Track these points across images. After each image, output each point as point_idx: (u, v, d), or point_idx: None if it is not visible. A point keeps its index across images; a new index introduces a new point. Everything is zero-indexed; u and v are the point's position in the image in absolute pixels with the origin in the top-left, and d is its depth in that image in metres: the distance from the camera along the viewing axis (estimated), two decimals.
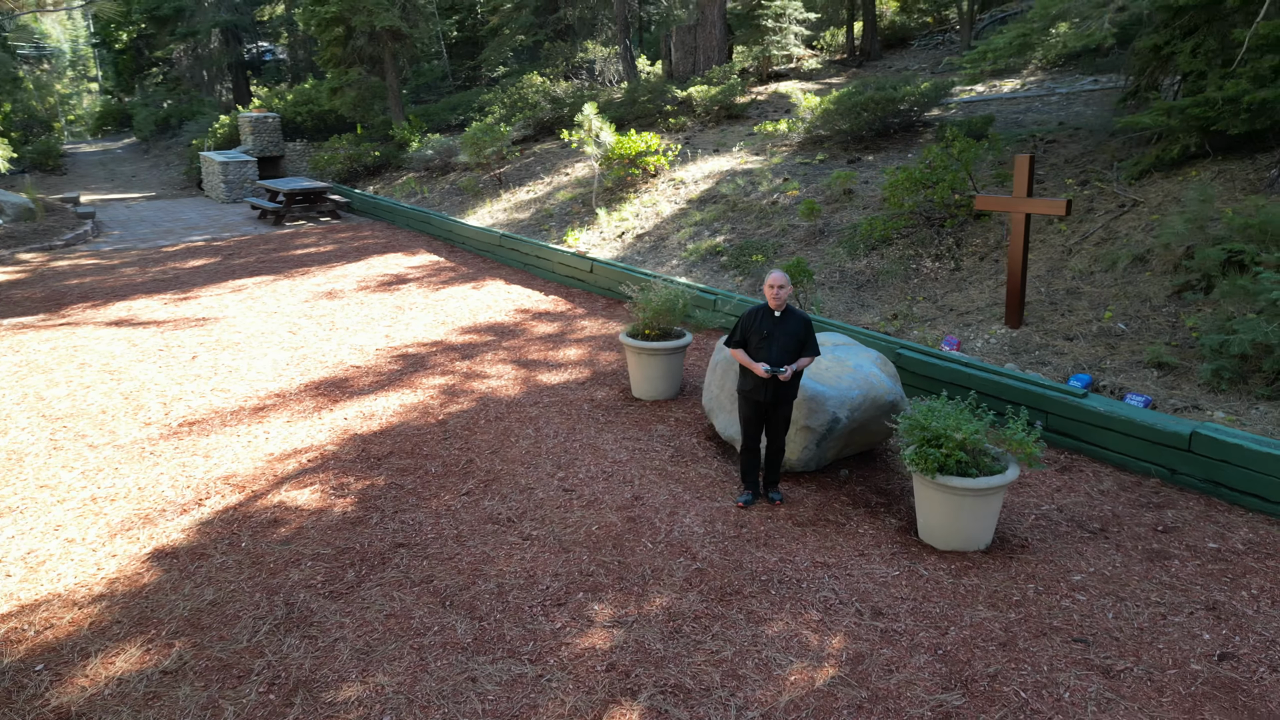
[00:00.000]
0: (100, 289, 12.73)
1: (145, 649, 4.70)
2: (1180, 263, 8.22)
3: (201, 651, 4.66)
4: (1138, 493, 6.38)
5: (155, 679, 4.45)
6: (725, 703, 4.26)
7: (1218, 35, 9.91)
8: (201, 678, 4.45)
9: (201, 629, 4.86)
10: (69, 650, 4.72)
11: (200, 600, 5.14)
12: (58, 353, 9.74)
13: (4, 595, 5.28)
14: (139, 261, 14.64)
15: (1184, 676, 4.42)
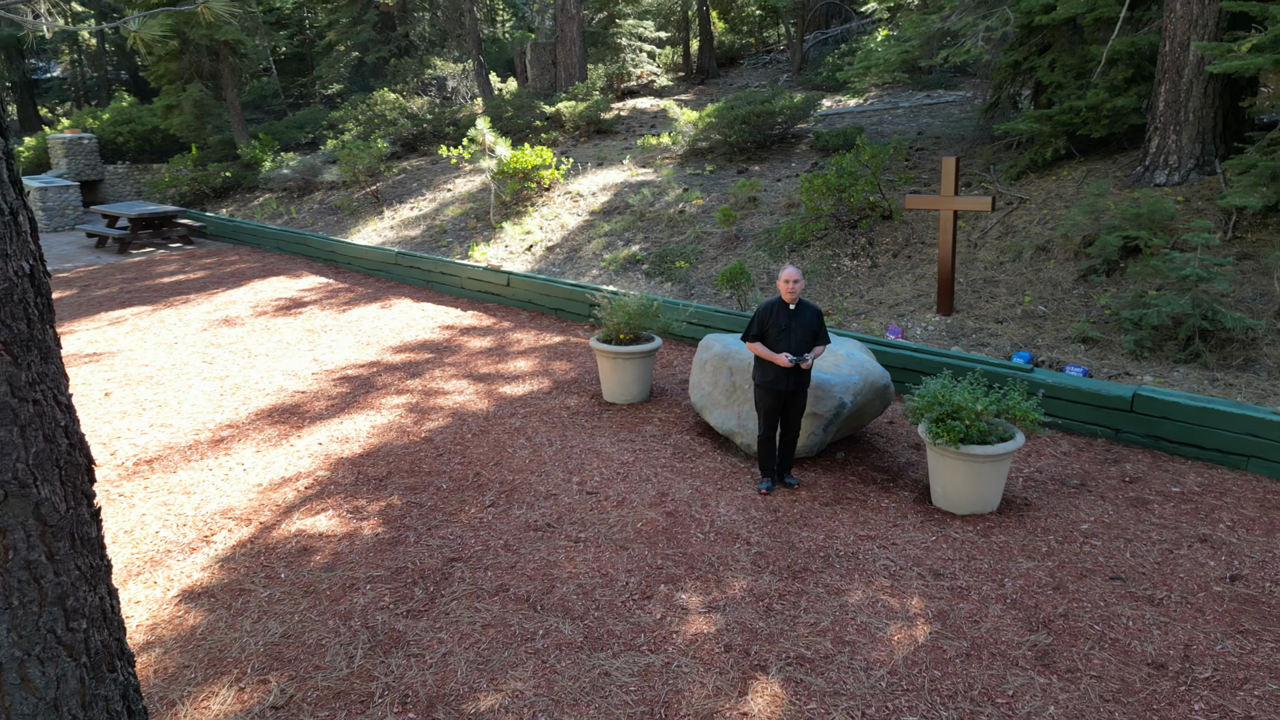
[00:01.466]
0: None
1: (237, 689, 4.36)
2: (1080, 250, 9.28)
3: (303, 683, 4.38)
4: (1093, 452, 7.18)
5: (267, 715, 4.15)
6: (849, 666, 4.50)
7: (1072, 51, 11.25)
8: (320, 708, 4.20)
9: (288, 661, 4.56)
10: (149, 701, 4.30)
11: (270, 635, 4.80)
12: None
13: None
14: None
15: (1213, 597, 5.09)
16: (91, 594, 1.30)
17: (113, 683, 1.33)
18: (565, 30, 20.04)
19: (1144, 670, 4.44)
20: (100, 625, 1.31)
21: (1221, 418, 6.77)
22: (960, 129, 13.96)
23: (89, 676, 1.28)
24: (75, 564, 1.27)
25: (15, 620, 1.18)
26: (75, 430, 1.31)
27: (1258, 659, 4.51)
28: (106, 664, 1.32)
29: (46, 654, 1.22)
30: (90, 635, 1.29)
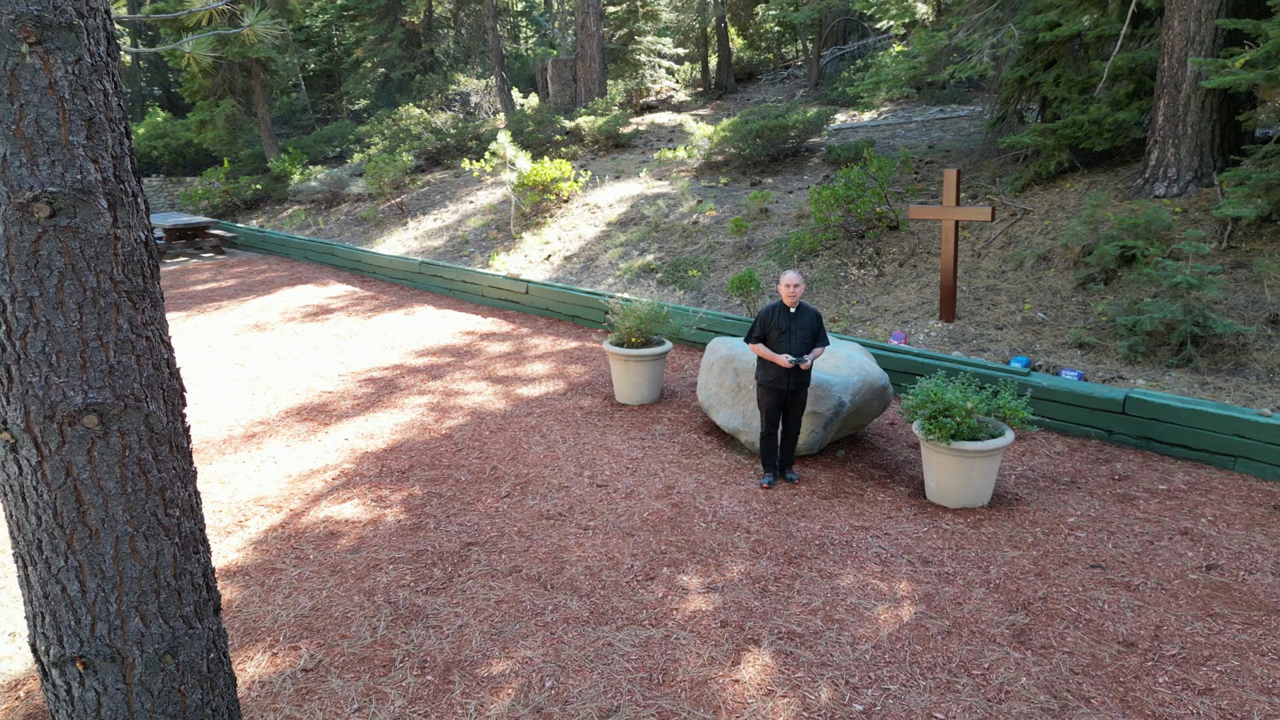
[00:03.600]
0: None
1: (270, 654, 4.74)
2: (1079, 259, 9.56)
3: (332, 649, 4.76)
4: (1086, 452, 7.45)
5: (299, 677, 4.53)
6: (837, 641, 4.82)
7: (1075, 67, 11.55)
8: (346, 671, 4.57)
9: (318, 631, 4.94)
10: None
11: (300, 608, 5.19)
12: None
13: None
14: None
15: (1187, 584, 5.36)
16: (183, 490, 1.66)
17: (196, 561, 1.69)
18: (585, 47, 20.53)
19: (1114, 647, 4.73)
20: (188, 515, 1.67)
21: (1210, 419, 7.03)
22: (970, 142, 14.26)
23: (179, 554, 1.64)
24: (172, 465, 1.64)
25: (129, 504, 1.55)
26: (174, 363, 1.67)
27: (1224, 639, 4.79)
28: (192, 546, 1.68)
29: (150, 532, 1.58)
30: (181, 522, 1.65)
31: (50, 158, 1.37)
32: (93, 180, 1.42)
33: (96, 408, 1.47)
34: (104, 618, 1.55)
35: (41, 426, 1.45)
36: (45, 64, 1.34)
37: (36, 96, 1.35)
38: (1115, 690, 4.38)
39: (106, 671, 1.57)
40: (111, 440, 1.50)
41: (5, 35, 1.31)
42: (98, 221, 1.43)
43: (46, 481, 1.48)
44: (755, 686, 4.44)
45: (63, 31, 1.36)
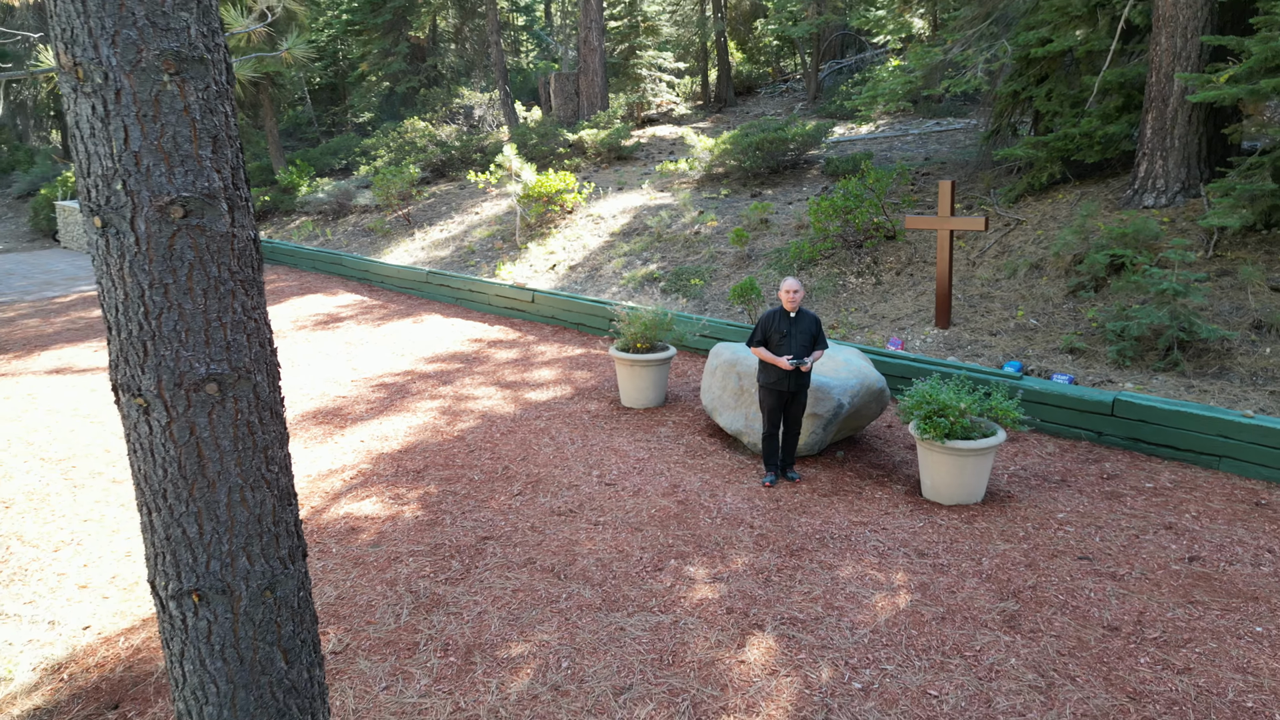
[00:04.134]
0: (13, 341, 12.13)
1: None
2: (1071, 267, 9.86)
3: (358, 634, 5.03)
4: (1076, 452, 7.72)
5: (329, 659, 4.79)
6: (837, 626, 5.09)
7: (1067, 81, 11.88)
8: (373, 653, 4.84)
9: (343, 618, 5.21)
10: None
11: (325, 597, 5.45)
12: (14, 402, 9.39)
13: (117, 613, 5.40)
14: (37, 313, 13.95)
15: (1170, 574, 5.63)
16: (280, 451, 1.93)
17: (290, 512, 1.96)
18: (588, 61, 20.90)
19: (1099, 631, 5.00)
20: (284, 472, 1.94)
21: (1195, 420, 7.31)
22: (966, 155, 14.58)
23: (278, 504, 1.91)
24: (273, 429, 1.91)
25: (240, 460, 1.82)
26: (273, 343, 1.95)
27: (1204, 624, 5.06)
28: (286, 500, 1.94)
29: (255, 484, 1.85)
30: (279, 477, 1.92)
31: (184, 168, 1.65)
32: (217, 187, 1.70)
33: (216, 377, 1.75)
34: (217, 556, 1.82)
35: (171, 393, 1.73)
36: (181, 91, 1.62)
37: (174, 118, 1.63)
38: (1099, 670, 4.65)
39: (217, 603, 1.84)
40: (227, 405, 1.78)
41: (151, 67, 1.59)
42: (220, 221, 1.71)
43: (173, 439, 1.75)
44: (760, 667, 4.71)
45: (195, 64, 1.63)
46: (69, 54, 1.57)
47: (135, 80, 1.57)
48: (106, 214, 1.62)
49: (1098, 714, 4.31)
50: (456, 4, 25.18)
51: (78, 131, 1.63)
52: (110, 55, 1.56)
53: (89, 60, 1.57)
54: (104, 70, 1.57)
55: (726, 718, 4.32)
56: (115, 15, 1.54)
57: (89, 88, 1.58)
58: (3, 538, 6.50)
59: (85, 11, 1.53)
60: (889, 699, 4.45)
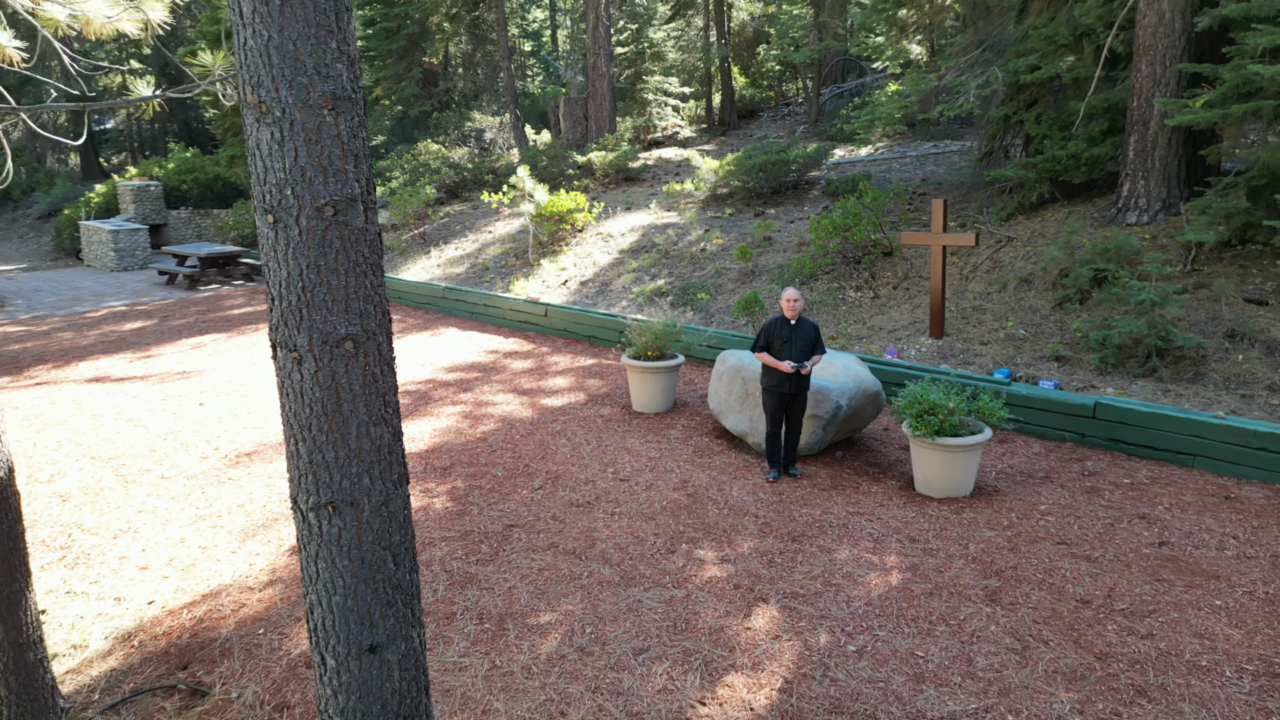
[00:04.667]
0: (50, 352, 12.72)
1: None
2: (1057, 281, 10.42)
3: None
4: (1060, 452, 8.25)
5: None
6: (834, 600, 5.61)
7: (1055, 106, 12.49)
8: None
9: None
10: (278, 617, 5.49)
11: None
12: (59, 407, 9.96)
13: (178, 590, 5.94)
14: (70, 327, 14.56)
15: (1140, 557, 6.14)
16: (394, 397, 2.46)
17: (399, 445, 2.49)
18: (596, 86, 21.61)
19: (1072, 604, 5.52)
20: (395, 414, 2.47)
21: (1171, 422, 7.84)
22: (961, 176, 15.19)
23: (391, 439, 2.44)
24: (389, 380, 2.44)
25: (366, 402, 2.35)
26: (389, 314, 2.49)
27: (1168, 598, 5.57)
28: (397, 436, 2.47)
29: (376, 422, 2.38)
30: (392, 418, 2.46)
31: (335, 179, 2.20)
32: (356, 193, 2.25)
33: (352, 337, 2.30)
34: (347, 476, 2.36)
35: (319, 348, 2.27)
36: (335, 121, 2.17)
37: (330, 142, 2.19)
38: (1070, 635, 5.16)
39: (346, 513, 2.38)
40: (359, 359, 2.33)
41: (316, 105, 2.15)
42: (358, 218, 2.26)
43: (319, 384, 2.29)
44: (764, 633, 5.23)
45: (346, 102, 2.19)
46: (255, 94, 2.13)
47: (304, 114, 2.13)
48: (278, 213, 2.17)
49: (1067, 671, 4.82)
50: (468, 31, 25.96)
51: (258, 151, 2.19)
52: (288, 96, 2.11)
53: (271, 99, 2.12)
54: (282, 107, 2.12)
55: (734, 674, 4.84)
56: (293, 67, 2.10)
57: (269, 119, 2.14)
58: (64, 527, 7.03)
59: (270, 64, 2.09)
60: (880, 659, 4.96)
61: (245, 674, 5.00)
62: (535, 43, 40.31)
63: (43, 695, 4.91)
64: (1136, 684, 4.70)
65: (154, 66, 33.73)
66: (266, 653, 5.15)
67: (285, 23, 2.11)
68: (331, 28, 2.16)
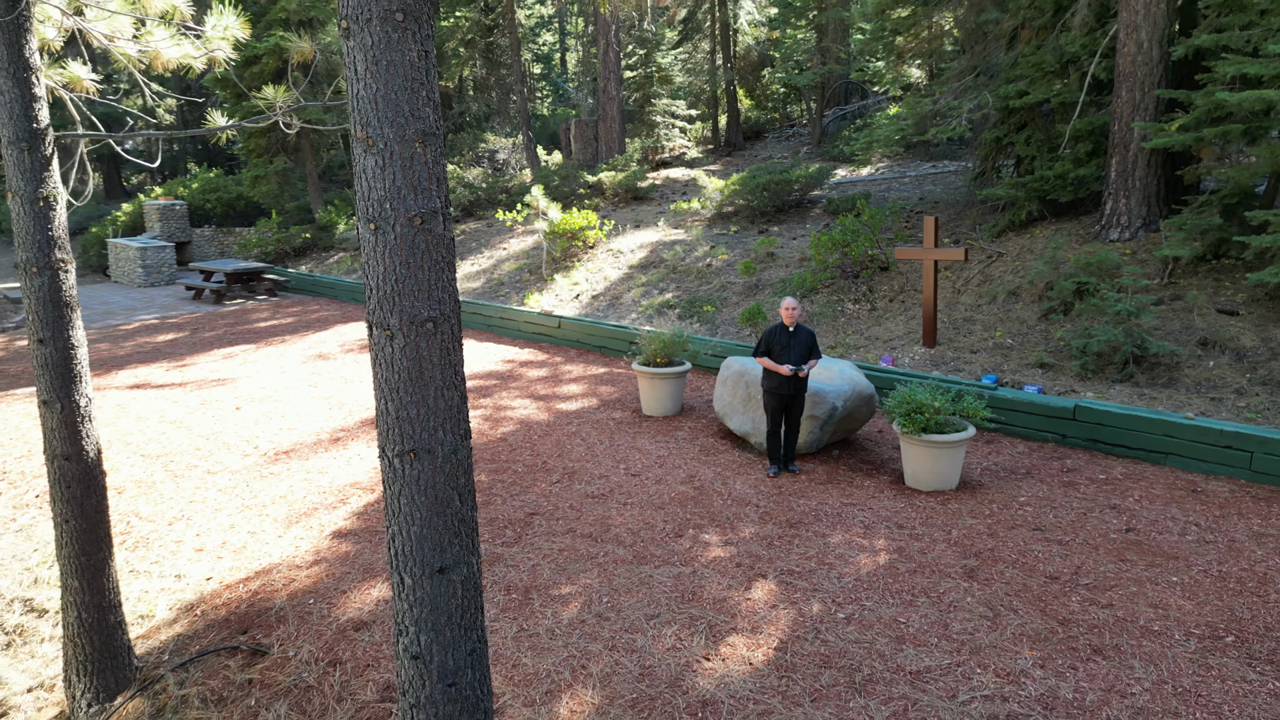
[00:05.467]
0: (90, 361, 13.41)
1: (386, 584, 6.15)
2: (1043, 293, 11.05)
3: None
4: (1043, 452, 8.85)
5: None
6: (827, 576, 6.21)
7: (1043, 129, 13.17)
8: None
9: None
10: (325, 590, 6.12)
11: None
12: (105, 411, 10.63)
13: (232, 568, 6.57)
14: (106, 338, 15.27)
15: (1108, 541, 6.74)
16: (462, 368, 3.10)
17: (465, 407, 3.11)
18: (606, 109, 22.38)
19: (1042, 579, 6.11)
20: (463, 381, 3.09)
21: (1145, 423, 8.43)
22: (957, 194, 15.85)
23: (460, 400, 3.07)
24: (458, 353, 3.06)
25: (441, 369, 2.98)
26: (459, 301, 3.14)
27: (1129, 575, 6.16)
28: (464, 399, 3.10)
29: (448, 385, 3.01)
30: (460, 385, 3.08)
31: (422, 196, 2.85)
32: (437, 206, 2.90)
33: (433, 318, 2.94)
34: (426, 429, 2.99)
35: (407, 327, 2.92)
36: (424, 152, 2.83)
37: (419, 167, 2.84)
38: (1038, 605, 5.75)
39: (424, 459, 3.01)
40: (437, 336, 2.96)
41: (410, 139, 2.81)
42: (438, 227, 2.91)
43: (406, 355, 2.93)
44: (763, 602, 5.84)
45: (431, 136, 2.85)
46: (364, 131, 2.79)
47: (401, 147, 2.78)
48: (378, 222, 2.82)
49: (1032, 634, 5.42)
50: (483, 56, 26.82)
51: (364, 174, 2.84)
52: (389, 133, 2.77)
53: (375, 134, 2.78)
54: (384, 140, 2.78)
55: (735, 635, 5.45)
56: (393, 110, 2.76)
57: (374, 150, 2.79)
58: (122, 515, 7.68)
59: (378, 109, 2.75)
60: (866, 624, 5.56)
61: (300, 636, 5.63)
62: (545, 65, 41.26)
63: (120, 654, 5.55)
64: (1094, 644, 5.29)
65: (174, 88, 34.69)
66: (317, 619, 5.77)
67: (389, 78, 2.78)
68: (423, 81, 2.82)
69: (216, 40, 6.47)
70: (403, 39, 2.77)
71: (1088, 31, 12.21)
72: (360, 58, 2.78)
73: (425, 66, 2.82)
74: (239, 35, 6.47)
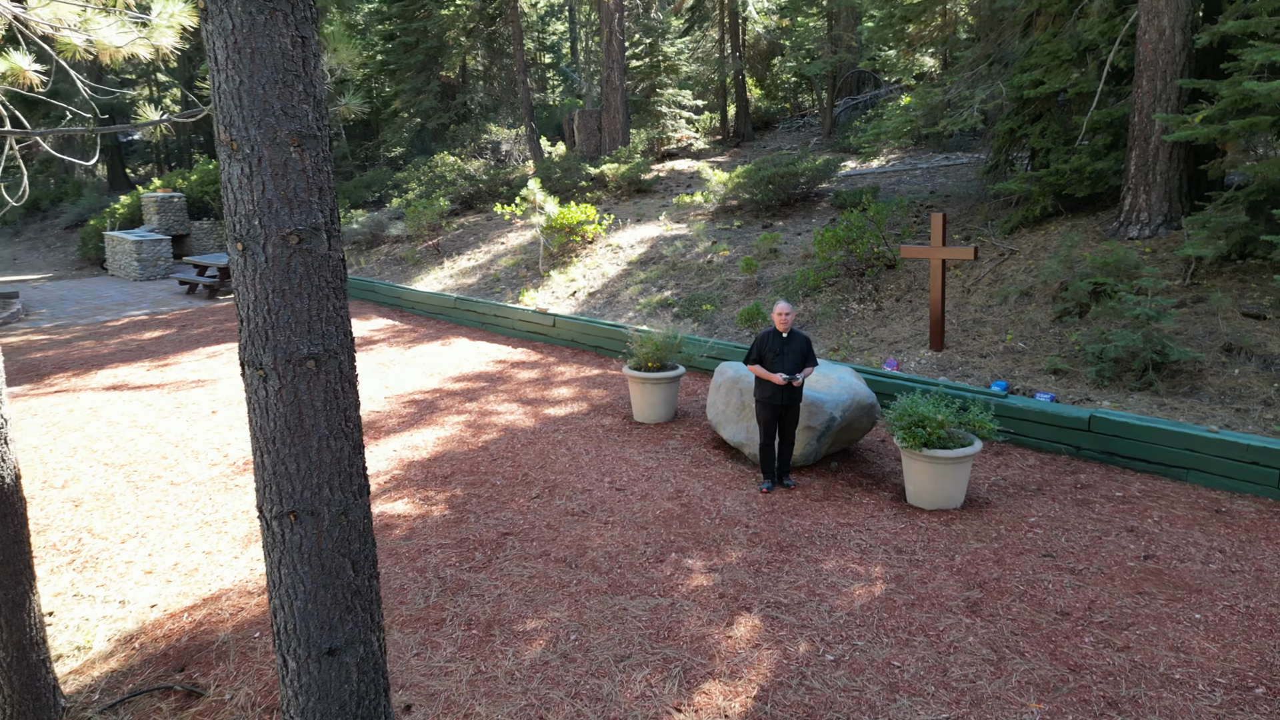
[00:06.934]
0: (71, 360, 13.04)
1: None
2: (1057, 294, 10.48)
3: (391, 612, 5.72)
4: (1055, 465, 8.31)
5: None
6: (817, 609, 5.72)
7: (1059, 120, 12.56)
8: (405, 626, 5.53)
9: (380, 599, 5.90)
10: None
11: None
12: (77, 414, 10.24)
13: (180, 594, 6.14)
14: (91, 335, 14.90)
15: (1124, 569, 6.21)
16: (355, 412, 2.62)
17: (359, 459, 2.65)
18: (610, 99, 21.83)
19: (1052, 616, 5.60)
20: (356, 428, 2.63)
21: (1165, 435, 7.88)
22: (969, 188, 15.25)
23: (352, 451, 2.60)
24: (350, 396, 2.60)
25: (327, 417, 2.52)
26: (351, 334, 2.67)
27: (1148, 611, 5.64)
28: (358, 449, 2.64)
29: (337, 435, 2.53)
30: (353, 432, 2.61)
31: (300, 210, 2.37)
32: (320, 222, 2.42)
33: (314, 356, 2.46)
34: (308, 486, 2.52)
35: (283, 366, 2.44)
36: (301, 157, 2.35)
37: (295, 176, 2.36)
38: (1046, 647, 5.25)
39: (307, 522, 2.54)
40: (320, 376, 2.49)
41: (283, 142, 2.34)
42: (321, 246, 2.43)
43: (283, 400, 2.46)
44: (745, 641, 5.35)
45: (311, 139, 2.37)
46: (228, 133, 2.31)
47: (271, 151, 2.30)
48: (246, 241, 2.35)
49: (1040, 682, 4.91)
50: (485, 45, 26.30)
51: (229, 184, 2.36)
52: (256, 135, 2.29)
53: (241, 138, 2.30)
54: (251, 144, 2.30)
55: (712, 681, 4.96)
56: (260, 107, 2.28)
57: (240, 156, 2.31)
58: (75, 531, 7.27)
59: (241, 106, 2.27)
60: (857, 668, 5.07)
61: (239, 676, 5.19)
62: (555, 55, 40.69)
63: (44, 695, 5.11)
64: (1108, 696, 4.78)
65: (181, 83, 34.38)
66: (260, 655, 5.33)
67: (255, 69, 2.29)
68: (298, 72, 2.34)
69: (162, 28, 6.01)
70: (271, 22, 2.28)
71: (1107, 18, 11.59)
72: (220, 44, 2.29)
73: (302, 56, 2.33)
74: (185, 22, 6.00)
